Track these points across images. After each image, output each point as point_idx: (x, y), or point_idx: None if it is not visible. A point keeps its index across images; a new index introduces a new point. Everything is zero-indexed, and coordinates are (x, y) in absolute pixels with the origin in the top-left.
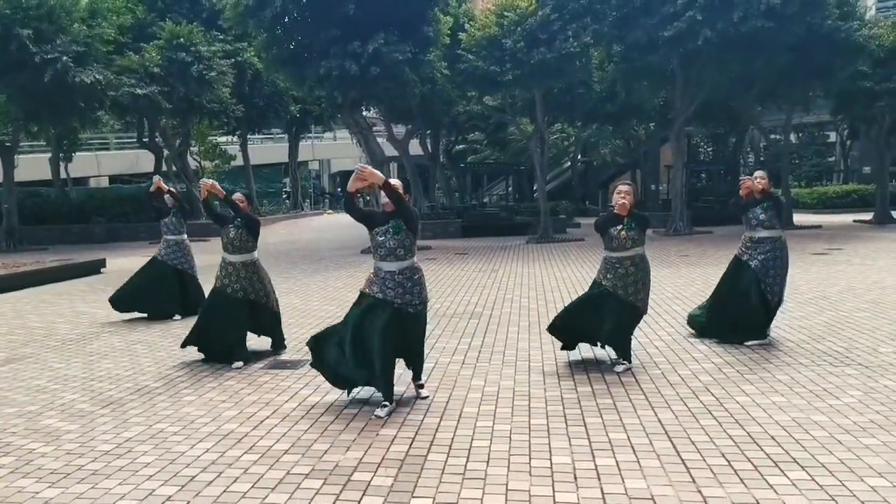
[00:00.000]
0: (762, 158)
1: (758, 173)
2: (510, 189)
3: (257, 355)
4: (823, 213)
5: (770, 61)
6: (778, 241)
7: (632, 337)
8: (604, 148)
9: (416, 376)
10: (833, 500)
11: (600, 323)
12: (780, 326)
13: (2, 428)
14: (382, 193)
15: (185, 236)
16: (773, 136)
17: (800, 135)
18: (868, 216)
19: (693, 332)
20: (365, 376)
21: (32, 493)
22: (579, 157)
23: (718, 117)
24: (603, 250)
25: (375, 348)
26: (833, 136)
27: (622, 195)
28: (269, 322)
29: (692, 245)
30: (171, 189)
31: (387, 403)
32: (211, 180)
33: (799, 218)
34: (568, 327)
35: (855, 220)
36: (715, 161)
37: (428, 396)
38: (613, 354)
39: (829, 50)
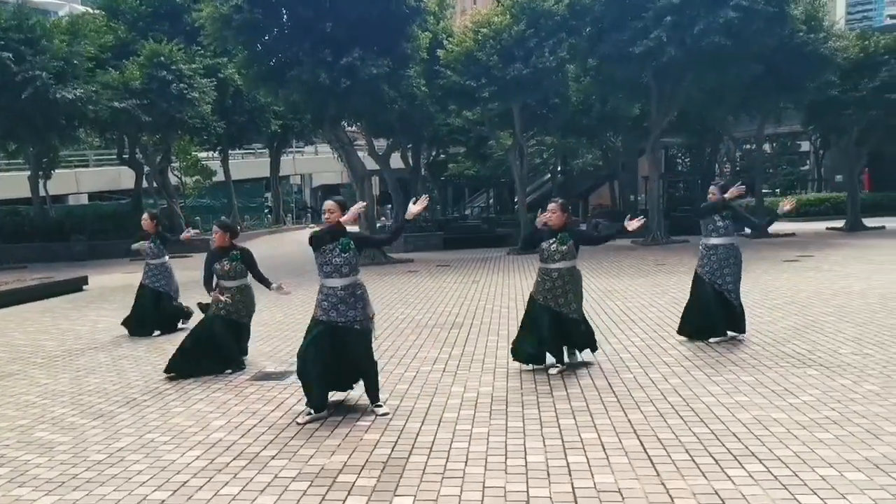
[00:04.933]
0: (738, 168)
1: (712, 188)
2: (491, 201)
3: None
4: (798, 221)
5: (740, 74)
6: (731, 247)
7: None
8: (580, 158)
9: (373, 397)
10: (786, 489)
11: (552, 336)
12: (747, 330)
13: None
14: (327, 207)
15: (167, 258)
16: (745, 147)
17: (773, 144)
18: (841, 223)
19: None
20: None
21: (30, 500)
22: (559, 168)
23: (693, 128)
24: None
25: (308, 367)
26: (806, 146)
27: (547, 213)
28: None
29: (669, 254)
30: (152, 212)
31: (311, 411)
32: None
33: (773, 226)
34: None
35: (828, 228)
36: (692, 171)
37: (388, 413)
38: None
39: (797, 62)
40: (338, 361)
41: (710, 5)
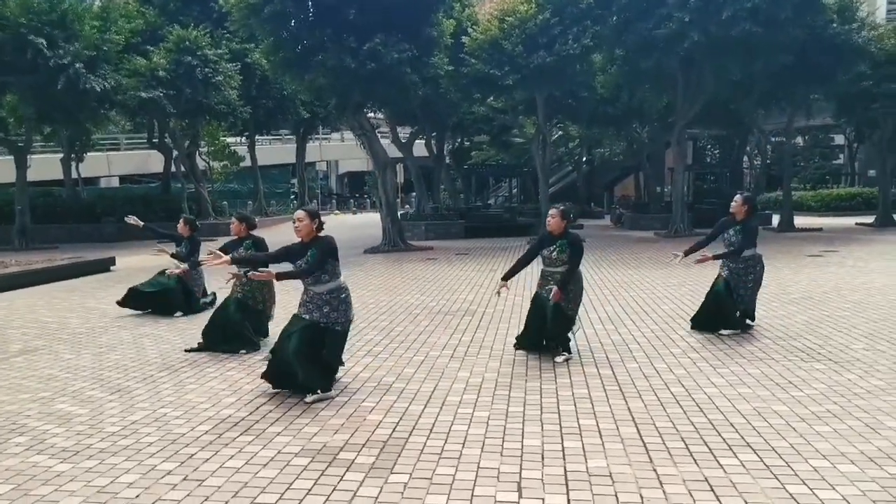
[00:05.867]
0: (768, 161)
1: (736, 197)
2: (515, 190)
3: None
4: (827, 216)
5: (768, 64)
6: (750, 259)
7: (570, 335)
8: (604, 148)
9: (312, 388)
10: (776, 478)
11: (541, 325)
12: (759, 324)
13: (17, 411)
14: (297, 216)
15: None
16: (774, 139)
17: (805, 137)
18: (871, 219)
19: None
20: (296, 383)
21: (46, 467)
22: (584, 158)
23: (720, 120)
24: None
25: (294, 363)
26: (839, 139)
27: (549, 218)
28: (265, 328)
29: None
30: (188, 218)
31: (319, 391)
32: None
33: (801, 220)
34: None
35: (857, 223)
36: (720, 163)
37: (322, 401)
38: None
39: (829, 53)
40: (315, 356)
41: None
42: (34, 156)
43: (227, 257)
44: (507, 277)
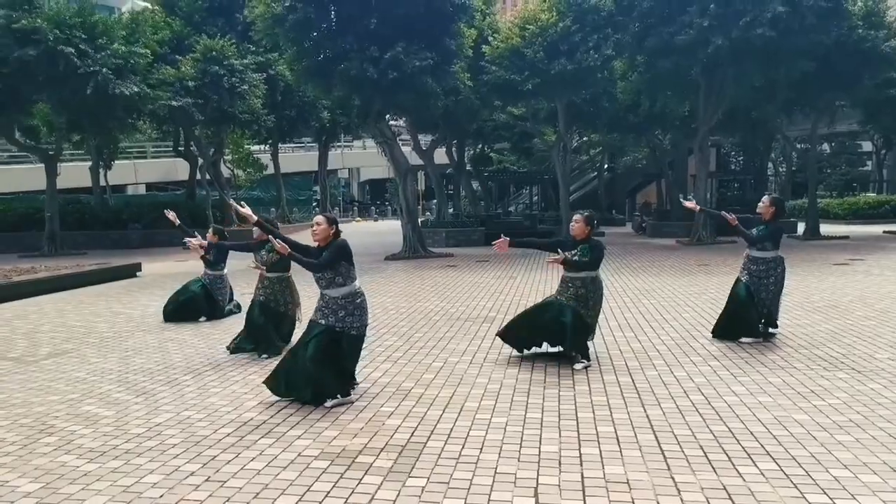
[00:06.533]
0: (793, 168)
1: (763, 199)
2: (536, 198)
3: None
4: (854, 224)
5: (790, 70)
6: (772, 261)
7: (588, 342)
8: (627, 156)
9: (342, 391)
10: (796, 487)
11: (558, 331)
12: (782, 333)
13: (46, 413)
14: (316, 221)
15: (224, 271)
16: (799, 146)
17: (832, 144)
18: None
19: None
20: (307, 396)
21: (74, 466)
22: (605, 166)
23: (744, 127)
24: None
25: (310, 373)
26: (867, 146)
27: (574, 223)
28: (289, 330)
29: (713, 254)
30: (217, 227)
31: (339, 396)
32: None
33: (827, 228)
34: (520, 334)
35: (885, 231)
36: (744, 171)
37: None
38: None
39: (854, 60)
40: (332, 362)
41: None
42: (64, 164)
43: (253, 216)
44: (513, 245)
